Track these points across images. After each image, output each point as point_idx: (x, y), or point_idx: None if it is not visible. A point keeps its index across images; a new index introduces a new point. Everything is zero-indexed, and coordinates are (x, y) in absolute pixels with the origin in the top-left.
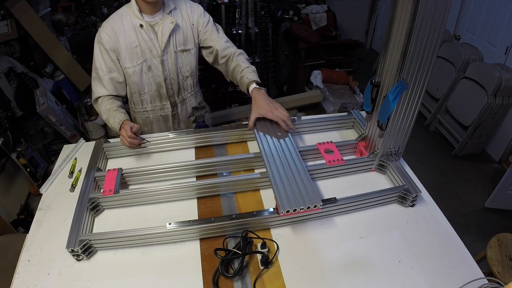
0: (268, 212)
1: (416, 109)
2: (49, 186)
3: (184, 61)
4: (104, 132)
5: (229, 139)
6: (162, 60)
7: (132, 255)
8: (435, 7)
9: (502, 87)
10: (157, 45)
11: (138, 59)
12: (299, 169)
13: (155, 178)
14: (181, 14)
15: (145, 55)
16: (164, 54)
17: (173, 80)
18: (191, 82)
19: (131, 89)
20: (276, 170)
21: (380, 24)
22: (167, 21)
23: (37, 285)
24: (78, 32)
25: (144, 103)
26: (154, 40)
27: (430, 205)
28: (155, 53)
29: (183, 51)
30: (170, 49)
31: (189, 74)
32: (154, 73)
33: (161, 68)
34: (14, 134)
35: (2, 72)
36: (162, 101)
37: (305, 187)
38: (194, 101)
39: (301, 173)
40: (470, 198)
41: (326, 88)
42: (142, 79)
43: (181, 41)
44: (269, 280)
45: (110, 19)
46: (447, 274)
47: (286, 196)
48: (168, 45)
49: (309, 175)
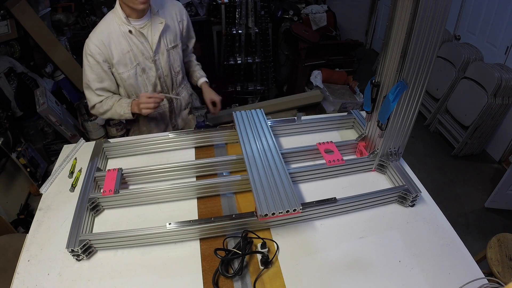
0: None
1: (416, 109)
2: (49, 186)
3: (174, 57)
4: (104, 132)
5: (229, 139)
6: (154, 61)
7: (132, 255)
8: (435, 7)
9: (502, 87)
10: (148, 48)
11: (131, 63)
12: (280, 172)
13: (155, 178)
14: (168, 12)
15: (138, 58)
16: (156, 54)
17: (167, 77)
18: (181, 75)
19: (128, 92)
20: (257, 173)
21: (380, 24)
22: (156, 22)
23: (37, 285)
24: (78, 32)
25: None
26: (145, 43)
27: (430, 205)
28: (147, 55)
29: (173, 48)
30: (161, 49)
31: (180, 68)
32: (148, 74)
33: (154, 68)
34: (14, 134)
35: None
36: None
37: (285, 191)
38: (186, 93)
39: (282, 176)
40: (470, 198)
41: (326, 88)
42: (137, 81)
43: (171, 38)
44: (269, 280)
45: (97, 30)
46: (447, 274)
47: (265, 200)
48: (159, 45)
49: (291, 178)
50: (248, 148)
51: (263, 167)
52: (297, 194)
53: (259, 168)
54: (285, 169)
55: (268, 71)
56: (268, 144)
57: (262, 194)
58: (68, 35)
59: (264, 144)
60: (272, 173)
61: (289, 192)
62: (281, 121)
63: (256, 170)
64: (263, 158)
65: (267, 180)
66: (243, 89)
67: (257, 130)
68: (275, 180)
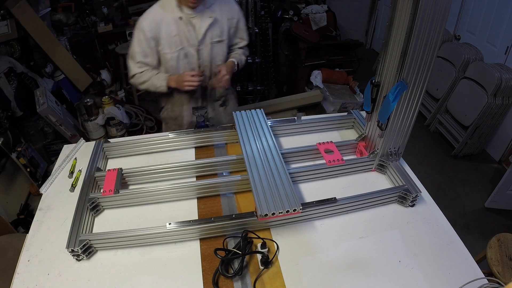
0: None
1: (416, 109)
2: (49, 186)
3: (218, 51)
4: (104, 132)
5: (229, 139)
6: (198, 50)
7: (132, 255)
8: (435, 7)
9: (502, 87)
10: (194, 36)
11: (176, 47)
12: (280, 172)
13: (155, 178)
14: (221, 8)
15: (183, 43)
16: (200, 44)
17: (206, 67)
18: None
19: (168, 72)
20: (257, 173)
21: (380, 24)
22: (206, 15)
23: (37, 285)
24: (78, 32)
25: None
26: (192, 31)
27: (430, 205)
28: (192, 43)
29: (218, 42)
30: (206, 41)
31: (221, 63)
32: (190, 60)
33: (197, 56)
34: (14, 134)
35: (2, 72)
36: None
37: (285, 191)
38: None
39: (282, 176)
40: (470, 198)
41: (326, 88)
42: (178, 64)
43: (218, 33)
44: (269, 280)
45: (152, 9)
46: (447, 274)
47: (265, 200)
48: (205, 37)
49: (291, 178)
50: (248, 148)
51: (263, 167)
52: (297, 194)
53: (259, 168)
54: (285, 169)
55: (268, 71)
56: (268, 144)
57: (262, 194)
58: (68, 35)
59: (264, 144)
60: (272, 173)
61: (289, 192)
62: (281, 121)
63: (256, 170)
64: (263, 158)
65: (267, 180)
66: (243, 89)
67: (257, 130)
68: (275, 180)
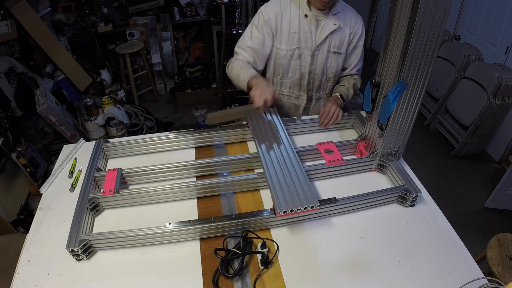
0: (268, 212)
1: (416, 109)
2: (49, 186)
3: (333, 62)
4: (104, 132)
5: (229, 139)
6: (313, 54)
7: (132, 255)
8: (435, 7)
9: (502, 87)
10: (314, 39)
11: (292, 45)
12: (296, 169)
13: (155, 178)
14: (344, 19)
15: (300, 43)
16: (317, 50)
17: (317, 76)
18: (331, 84)
19: (276, 69)
20: (273, 170)
21: (380, 24)
22: (330, 22)
23: (37, 285)
24: (78, 32)
25: (283, 87)
26: (313, 33)
27: (430, 205)
28: (309, 45)
29: (335, 53)
30: (323, 47)
31: (333, 76)
32: (302, 62)
33: (310, 61)
34: (14, 134)
35: (2, 72)
36: (300, 91)
37: (302, 188)
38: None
39: (298, 173)
40: (470, 198)
41: None
42: (290, 63)
43: (337, 44)
44: (269, 280)
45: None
46: (447, 274)
47: (283, 197)
48: (324, 43)
49: (307, 175)
50: (263, 146)
51: (279, 164)
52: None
53: (275, 166)
54: (301, 166)
55: None
56: (282, 141)
57: (280, 191)
58: (68, 35)
59: (279, 142)
60: (289, 170)
61: (306, 189)
62: (281, 121)
63: (272, 167)
64: (278, 155)
65: (284, 177)
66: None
67: (270, 128)
68: (291, 177)
